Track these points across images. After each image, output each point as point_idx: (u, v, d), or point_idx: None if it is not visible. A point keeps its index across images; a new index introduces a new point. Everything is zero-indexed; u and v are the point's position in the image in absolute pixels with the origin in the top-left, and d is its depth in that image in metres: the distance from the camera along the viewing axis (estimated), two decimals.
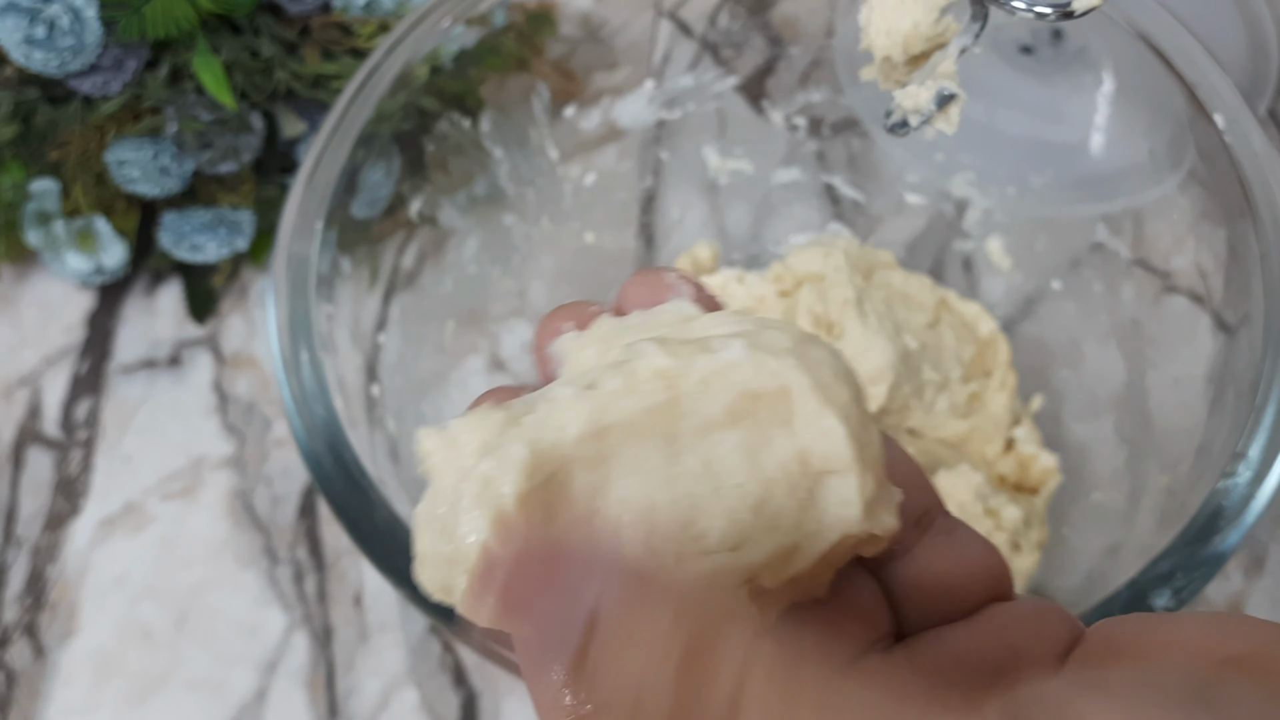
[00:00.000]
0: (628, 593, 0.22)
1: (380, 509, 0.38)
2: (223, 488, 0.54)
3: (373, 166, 0.47)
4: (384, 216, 0.50)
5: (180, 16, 0.52)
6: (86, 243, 0.56)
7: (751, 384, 0.23)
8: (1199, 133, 0.45)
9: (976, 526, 0.40)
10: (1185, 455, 0.44)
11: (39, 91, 0.54)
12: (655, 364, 0.23)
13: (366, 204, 0.48)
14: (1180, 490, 0.42)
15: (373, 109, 0.45)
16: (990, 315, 0.55)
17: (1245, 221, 0.42)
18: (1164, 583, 0.35)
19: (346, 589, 0.52)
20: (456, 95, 0.53)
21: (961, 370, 0.53)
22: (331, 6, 0.56)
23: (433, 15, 0.48)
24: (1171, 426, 0.47)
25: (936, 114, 0.36)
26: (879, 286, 0.54)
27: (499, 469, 0.22)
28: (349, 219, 0.45)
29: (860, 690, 0.21)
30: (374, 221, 0.50)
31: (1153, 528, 0.44)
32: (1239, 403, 0.40)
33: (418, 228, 0.52)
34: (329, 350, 0.42)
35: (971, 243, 0.58)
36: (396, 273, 0.51)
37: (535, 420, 0.23)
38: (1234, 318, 0.44)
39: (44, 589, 0.52)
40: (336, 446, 0.39)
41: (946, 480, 0.48)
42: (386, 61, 0.46)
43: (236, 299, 0.59)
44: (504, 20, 0.53)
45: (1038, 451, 0.51)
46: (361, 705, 0.50)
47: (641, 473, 0.23)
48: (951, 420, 0.51)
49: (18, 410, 0.56)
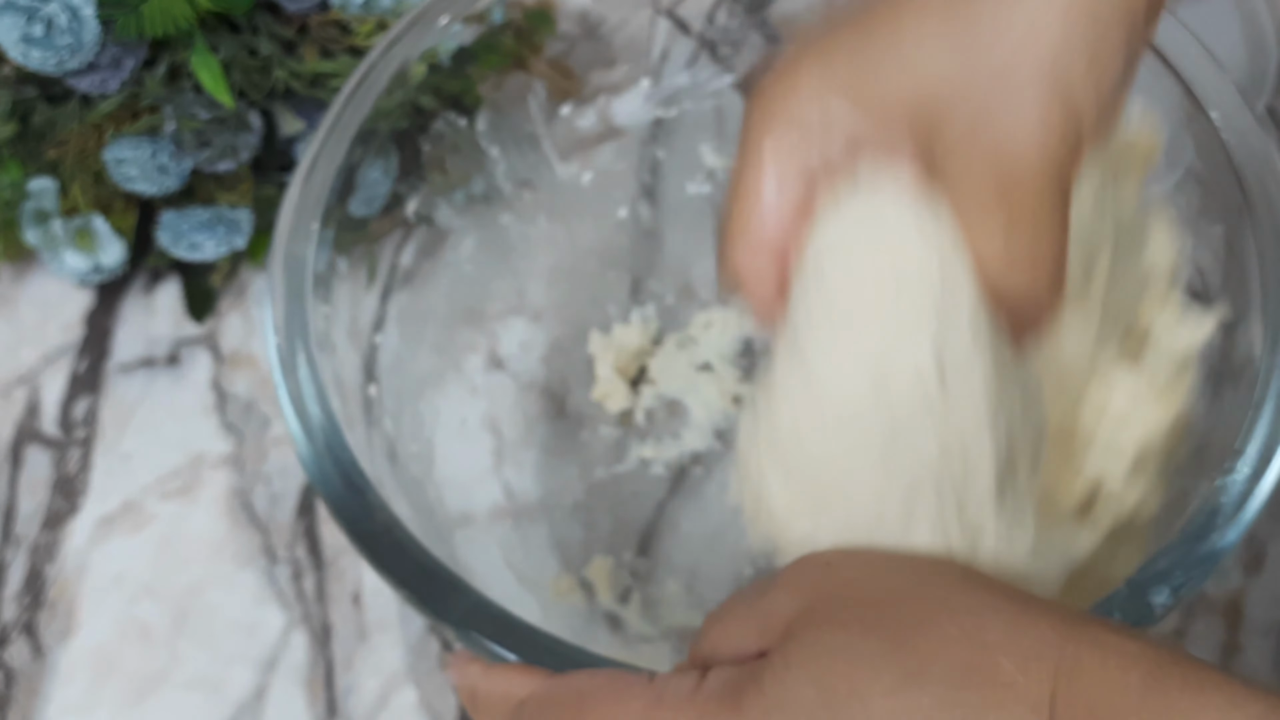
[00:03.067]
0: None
1: (379, 511, 0.38)
2: (221, 486, 0.54)
3: (370, 165, 0.47)
4: (381, 216, 0.50)
5: (178, 15, 0.52)
6: (85, 241, 0.56)
7: None
8: (1196, 131, 0.44)
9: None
10: (1183, 453, 0.44)
11: (37, 90, 0.54)
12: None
13: (364, 203, 0.48)
14: (1178, 489, 0.42)
15: (370, 106, 0.45)
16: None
17: (1243, 219, 0.42)
18: (1162, 580, 0.35)
19: (345, 588, 0.52)
20: (454, 94, 0.53)
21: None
22: (329, 4, 0.56)
23: (431, 12, 0.48)
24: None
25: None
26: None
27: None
28: (346, 218, 0.45)
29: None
30: (371, 221, 0.50)
31: (1152, 526, 0.44)
32: (1236, 400, 0.40)
33: (414, 227, 0.52)
34: (326, 350, 0.42)
35: None
36: (394, 272, 0.51)
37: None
38: (1231, 315, 0.44)
39: (42, 588, 0.52)
40: (334, 448, 0.39)
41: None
42: (384, 59, 0.46)
43: (235, 298, 0.59)
44: (502, 17, 0.53)
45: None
46: (360, 704, 0.50)
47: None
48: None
49: (16, 409, 0.56)
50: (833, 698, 0.26)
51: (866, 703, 0.26)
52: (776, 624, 0.28)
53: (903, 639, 0.26)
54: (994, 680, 0.25)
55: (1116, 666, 0.25)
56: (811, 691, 0.26)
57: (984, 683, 0.25)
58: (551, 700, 0.31)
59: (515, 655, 0.34)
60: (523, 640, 0.35)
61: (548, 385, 0.55)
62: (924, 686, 0.25)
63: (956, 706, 0.25)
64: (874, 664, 0.26)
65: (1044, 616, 0.26)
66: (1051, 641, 0.25)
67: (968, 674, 0.25)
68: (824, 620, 0.28)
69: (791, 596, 0.29)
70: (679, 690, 0.29)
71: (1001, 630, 0.26)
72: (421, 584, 0.36)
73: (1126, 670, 0.25)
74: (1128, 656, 0.25)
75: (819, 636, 0.27)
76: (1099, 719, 0.24)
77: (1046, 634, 0.26)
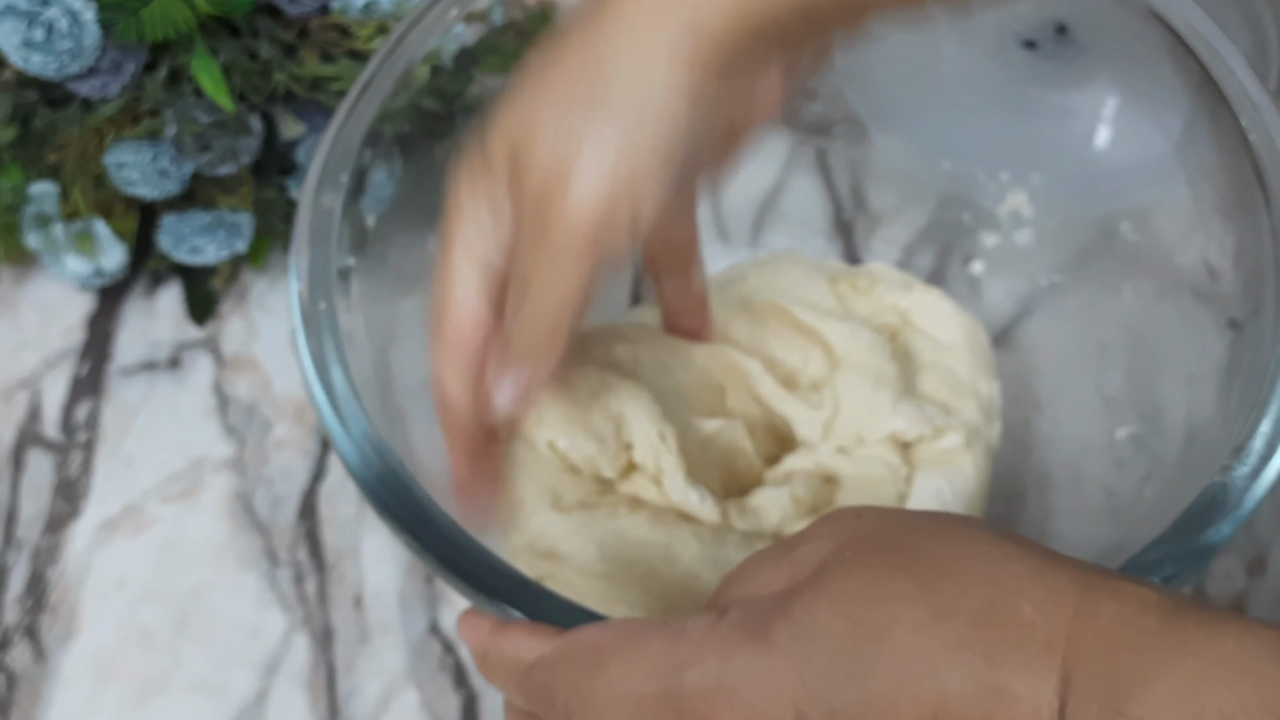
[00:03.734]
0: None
1: (403, 474, 0.38)
2: (223, 489, 0.54)
3: (378, 168, 0.47)
4: (390, 214, 0.50)
5: (178, 19, 0.52)
6: (86, 245, 0.56)
7: None
8: (1214, 128, 0.44)
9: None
10: (1189, 452, 0.44)
11: (38, 94, 0.54)
12: None
13: (374, 204, 0.48)
14: (1181, 486, 0.42)
15: (393, 84, 0.45)
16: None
17: (1260, 214, 0.42)
18: (1152, 570, 0.35)
19: (347, 590, 0.52)
20: (455, 94, 0.53)
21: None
22: (330, 8, 0.56)
23: (435, 11, 0.47)
24: (1177, 424, 0.47)
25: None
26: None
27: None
28: (361, 224, 0.45)
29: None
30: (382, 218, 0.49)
31: (1153, 524, 0.44)
32: (1244, 397, 0.40)
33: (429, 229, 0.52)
34: (350, 345, 0.42)
35: (974, 241, 0.58)
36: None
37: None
38: (1242, 313, 0.44)
39: (44, 591, 0.52)
40: (356, 417, 0.39)
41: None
42: (389, 62, 0.46)
43: (236, 301, 0.59)
44: (503, 19, 0.53)
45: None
46: (362, 707, 0.50)
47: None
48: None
49: (18, 412, 0.56)
50: (861, 629, 0.27)
51: (894, 636, 0.27)
52: (806, 568, 0.29)
53: (931, 580, 0.27)
54: (1013, 620, 0.26)
55: (1134, 610, 0.26)
56: (841, 623, 0.27)
57: (1004, 623, 0.26)
58: (563, 658, 0.31)
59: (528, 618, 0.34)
60: (539, 603, 0.34)
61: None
62: (949, 624, 0.27)
63: (976, 644, 0.26)
64: (902, 601, 0.27)
65: (1065, 568, 0.28)
66: (1069, 589, 0.27)
67: (989, 614, 0.26)
68: (855, 560, 0.29)
69: (823, 541, 0.30)
70: (699, 625, 0.29)
71: (1024, 577, 0.27)
72: (450, 553, 0.36)
73: (1143, 613, 0.26)
74: (1146, 601, 0.26)
75: (850, 572, 0.28)
76: (1113, 654, 0.25)
77: (1065, 583, 0.27)
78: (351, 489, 0.54)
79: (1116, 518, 0.48)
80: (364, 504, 0.54)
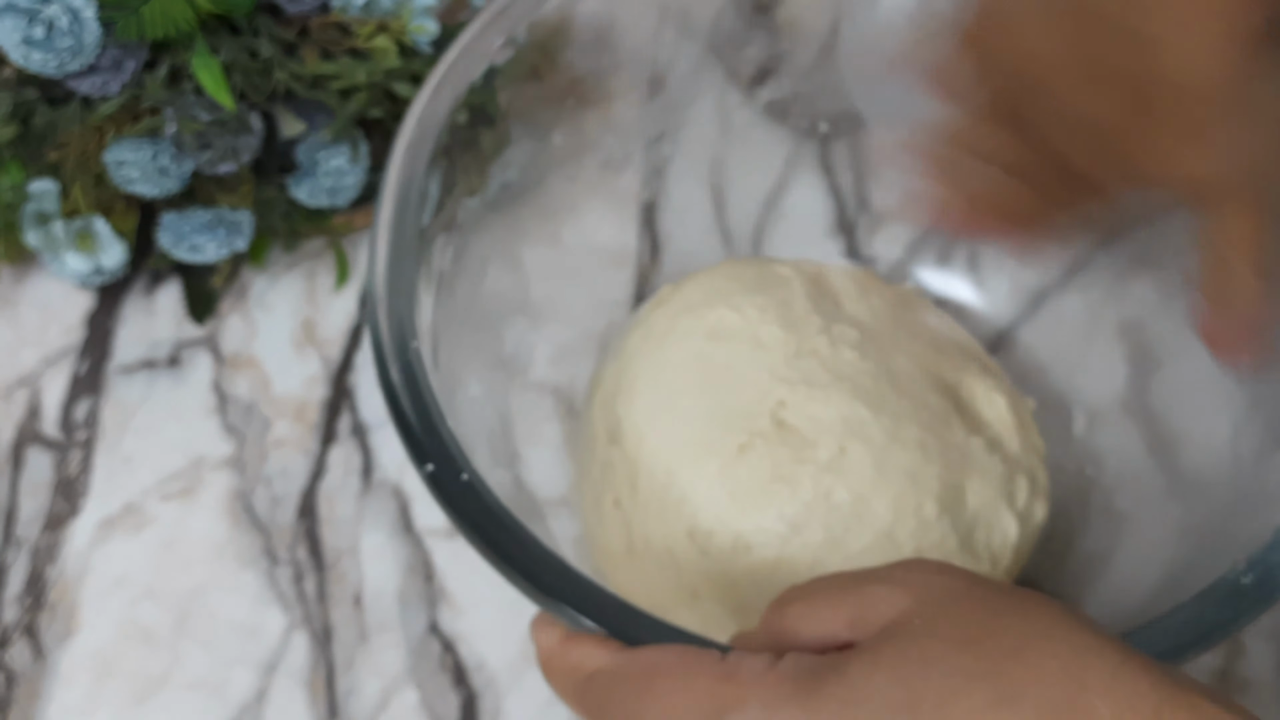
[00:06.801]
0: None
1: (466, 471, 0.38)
2: (222, 488, 0.54)
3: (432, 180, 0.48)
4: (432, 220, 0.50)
5: (179, 17, 0.52)
6: (85, 243, 0.56)
7: None
8: None
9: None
10: (1195, 455, 0.44)
11: (38, 92, 0.54)
12: None
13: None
14: (1189, 494, 0.42)
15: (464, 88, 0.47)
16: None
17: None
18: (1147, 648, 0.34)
19: (346, 589, 0.52)
20: (479, 105, 0.53)
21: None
22: (330, 6, 0.56)
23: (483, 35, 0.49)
24: (1183, 426, 0.47)
25: None
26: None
27: None
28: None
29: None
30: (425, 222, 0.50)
31: (1156, 529, 0.44)
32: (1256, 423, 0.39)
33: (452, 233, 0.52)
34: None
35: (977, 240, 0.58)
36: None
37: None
38: None
39: (43, 590, 0.52)
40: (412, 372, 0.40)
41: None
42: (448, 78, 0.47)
43: (236, 299, 0.59)
44: (526, 39, 0.53)
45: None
46: (361, 705, 0.50)
47: None
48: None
49: (17, 410, 0.56)
50: (919, 703, 0.26)
51: (952, 714, 0.26)
52: (873, 618, 0.28)
53: (1000, 662, 0.26)
54: (1086, 718, 0.25)
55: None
56: (899, 694, 0.26)
57: (1074, 719, 0.25)
58: (621, 674, 0.31)
59: (599, 626, 0.34)
60: (608, 612, 0.34)
61: (557, 386, 0.54)
62: (1013, 710, 0.25)
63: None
64: (968, 681, 0.26)
65: (1144, 670, 0.26)
66: (1149, 696, 0.25)
67: (1060, 711, 0.25)
68: (923, 629, 0.28)
69: (895, 593, 0.29)
70: (751, 668, 0.29)
71: (1102, 674, 0.26)
72: (512, 551, 0.35)
73: None
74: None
75: (916, 642, 0.27)
76: None
77: (1145, 688, 0.26)
78: (351, 488, 0.54)
79: (1136, 527, 0.48)
80: (363, 503, 0.54)
